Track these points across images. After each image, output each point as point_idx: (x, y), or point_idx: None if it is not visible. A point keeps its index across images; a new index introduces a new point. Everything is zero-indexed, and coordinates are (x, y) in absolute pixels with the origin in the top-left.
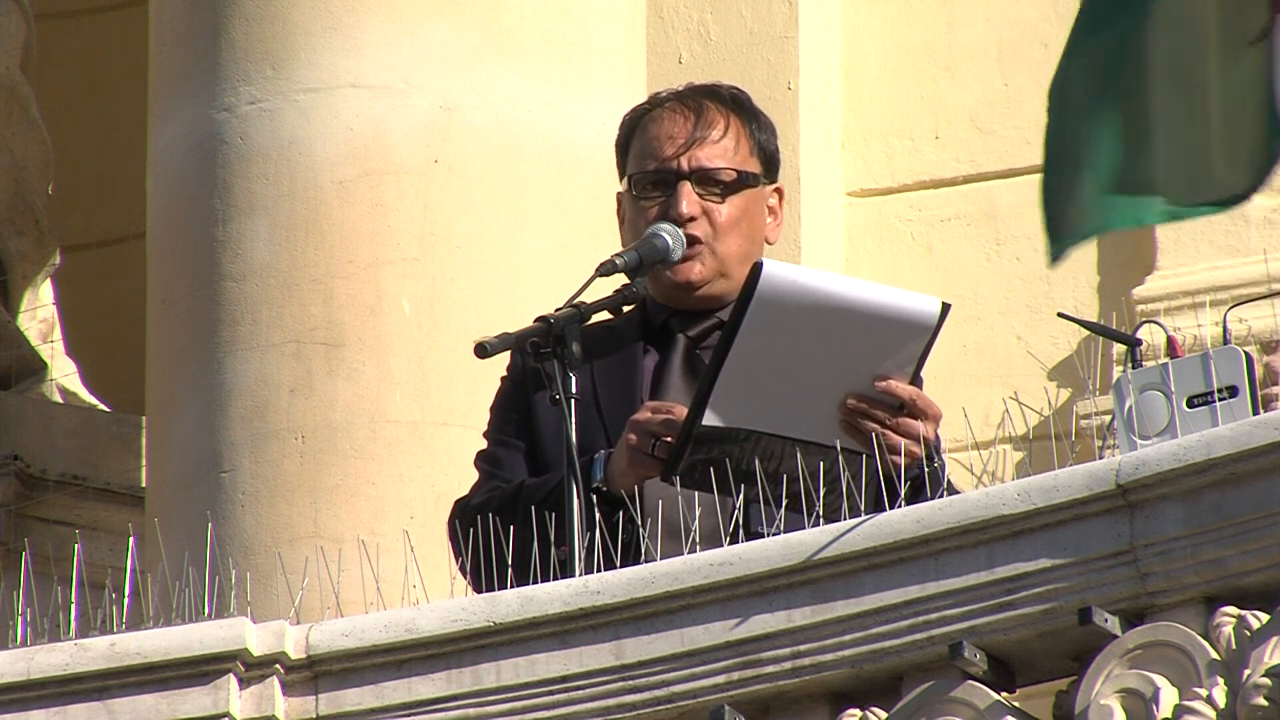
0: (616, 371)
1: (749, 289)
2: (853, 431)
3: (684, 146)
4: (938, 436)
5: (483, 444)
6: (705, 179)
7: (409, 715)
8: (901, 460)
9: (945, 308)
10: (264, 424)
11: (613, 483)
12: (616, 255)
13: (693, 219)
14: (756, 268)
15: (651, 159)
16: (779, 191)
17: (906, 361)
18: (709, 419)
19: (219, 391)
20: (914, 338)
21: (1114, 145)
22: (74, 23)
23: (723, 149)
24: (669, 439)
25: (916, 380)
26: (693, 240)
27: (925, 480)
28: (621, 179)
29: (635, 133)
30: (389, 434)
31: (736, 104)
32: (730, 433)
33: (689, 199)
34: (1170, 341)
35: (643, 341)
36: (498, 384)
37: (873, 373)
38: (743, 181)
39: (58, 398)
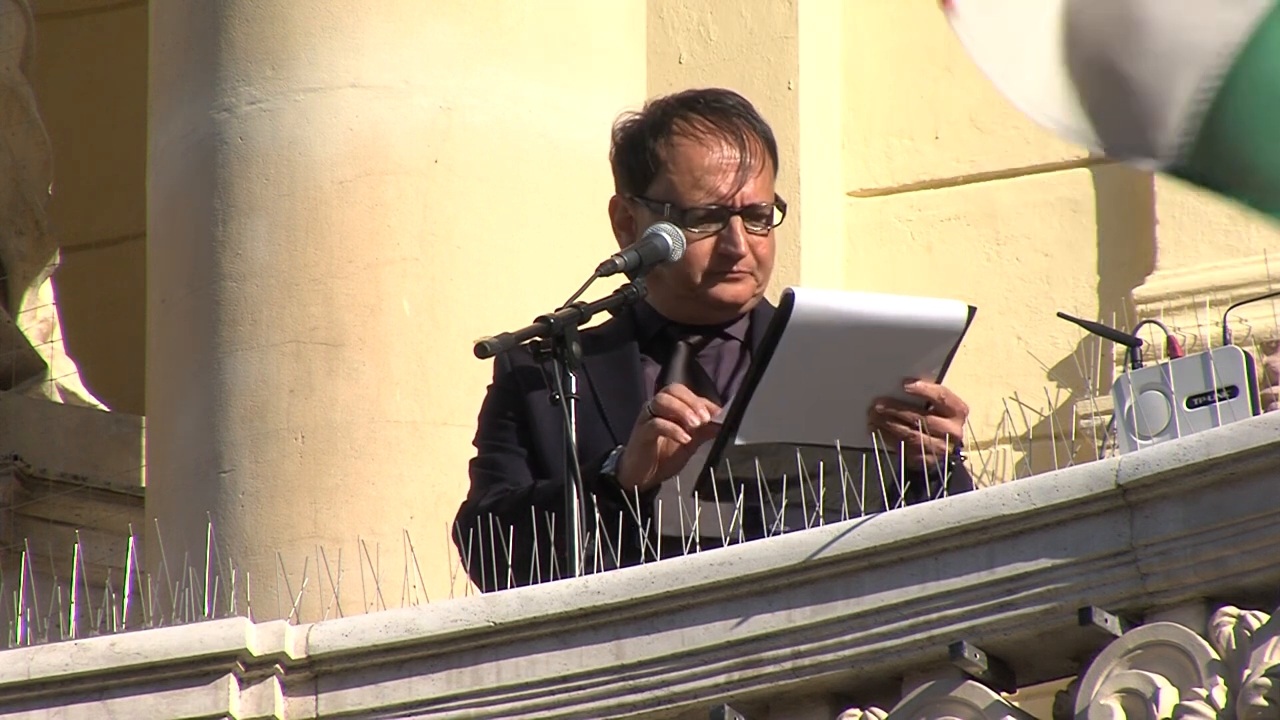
0: (615, 376)
1: (781, 318)
2: (881, 434)
3: (736, 183)
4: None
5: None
6: (752, 214)
7: (409, 715)
8: (930, 459)
9: (971, 311)
10: (264, 424)
11: (624, 477)
12: (616, 255)
13: (743, 256)
14: (789, 297)
15: (703, 192)
16: None
17: (933, 364)
18: (739, 439)
19: (219, 391)
20: (940, 343)
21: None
22: (74, 23)
23: (763, 182)
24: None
25: (941, 380)
26: (743, 275)
27: (945, 473)
28: (623, 187)
29: (665, 153)
30: (389, 434)
31: (758, 121)
32: (759, 449)
33: (745, 237)
34: (1170, 341)
35: (637, 347)
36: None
37: (900, 377)
38: (777, 213)
39: (58, 398)
